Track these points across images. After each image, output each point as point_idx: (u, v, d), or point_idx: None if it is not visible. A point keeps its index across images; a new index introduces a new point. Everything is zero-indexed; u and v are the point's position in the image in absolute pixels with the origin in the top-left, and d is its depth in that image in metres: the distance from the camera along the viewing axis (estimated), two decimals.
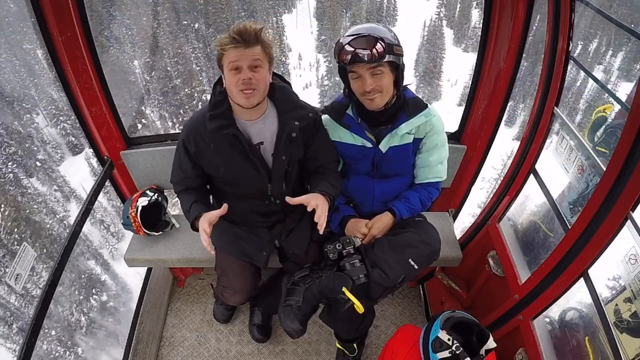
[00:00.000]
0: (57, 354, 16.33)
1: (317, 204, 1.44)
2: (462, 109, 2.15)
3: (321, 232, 1.45)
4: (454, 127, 2.20)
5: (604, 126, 3.45)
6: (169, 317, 2.51)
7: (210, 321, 2.47)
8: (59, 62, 1.80)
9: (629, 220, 1.30)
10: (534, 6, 1.74)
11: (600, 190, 1.37)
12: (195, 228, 1.57)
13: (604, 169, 1.38)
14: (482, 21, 1.90)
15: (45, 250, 18.67)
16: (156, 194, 2.21)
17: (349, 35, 1.42)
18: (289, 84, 1.63)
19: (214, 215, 1.48)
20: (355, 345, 2.08)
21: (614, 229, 1.35)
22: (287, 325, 1.54)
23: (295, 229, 1.81)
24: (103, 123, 2.05)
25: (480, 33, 1.93)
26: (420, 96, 1.66)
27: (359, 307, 1.52)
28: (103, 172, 2.14)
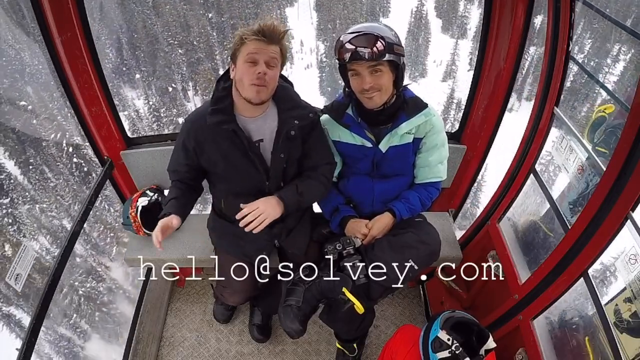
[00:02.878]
0: None
1: (258, 207, 1.50)
2: (445, 84, 2.17)
3: (241, 225, 1.49)
4: (438, 99, 2.18)
5: (603, 126, 3.45)
6: (169, 317, 2.51)
7: (210, 321, 2.47)
8: (59, 62, 1.80)
9: (629, 220, 1.30)
10: (534, 6, 1.74)
11: (600, 190, 1.37)
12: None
13: (604, 169, 1.38)
14: (482, 20, 1.91)
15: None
16: (156, 194, 2.21)
17: (349, 33, 1.42)
18: (292, 83, 1.63)
19: (168, 226, 1.49)
20: (355, 345, 2.08)
21: (614, 229, 1.35)
22: (287, 325, 1.53)
23: (295, 229, 1.81)
24: (103, 123, 2.05)
25: (465, 22, 1.94)
26: (407, 75, 1.65)
27: (359, 308, 1.52)
28: (103, 172, 2.13)
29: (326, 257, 1.62)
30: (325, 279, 1.57)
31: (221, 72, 1.60)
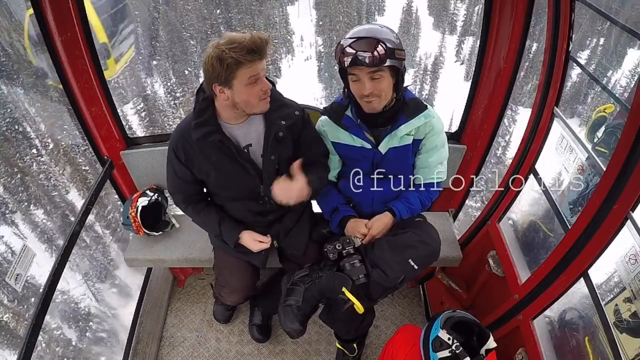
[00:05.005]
0: None
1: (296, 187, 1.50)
2: (433, 74, 2.15)
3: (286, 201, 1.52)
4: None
5: (604, 126, 3.45)
6: (169, 317, 2.51)
7: (210, 321, 2.47)
8: (59, 62, 1.80)
9: (629, 220, 1.30)
10: (534, 6, 1.74)
11: (600, 190, 1.37)
12: (240, 245, 1.73)
13: (604, 169, 1.38)
14: (482, 20, 1.90)
15: None
16: (156, 194, 2.21)
17: (350, 37, 1.41)
18: (273, 83, 1.62)
19: (257, 237, 1.70)
20: (355, 345, 2.08)
21: (614, 229, 1.35)
22: (286, 325, 1.53)
23: (294, 229, 1.81)
24: (103, 123, 2.05)
25: (455, 19, 1.93)
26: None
27: (359, 308, 1.52)
28: (103, 172, 2.13)
29: (326, 257, 1.62)
30: (325, 279, 1.58)
31: None
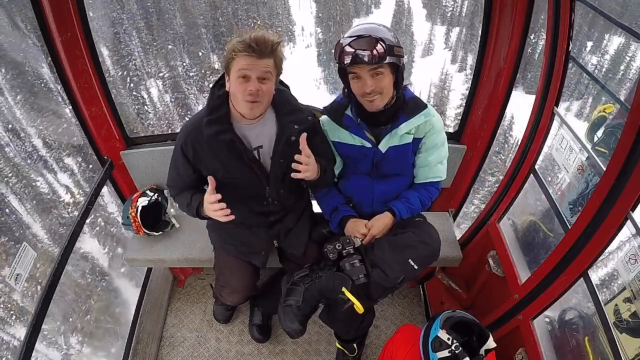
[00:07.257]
0: None
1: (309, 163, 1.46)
2: (425, 60, 2.17)
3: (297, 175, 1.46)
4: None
5: (603, 126, 3.46)
6: (169, 317, 2.51)
7: (210, 321, 2.47)
8: (59, 62, 1.80)
9: (629, 220, 1.30)
10: (534, 6, 1.74)
11: (600, 190, 1.37)
12: (202, 216, 1.60)
13: (604, 169, 1.38)
14: (482, 21, 1.91)
15: None
16: (156, 194, 2.21)
17: (349, 37, 1.42)
18: (288, 87, 1.62)
19: (210, 191, 1.49)
20: (355, 345, 2.08)
21: (614, 229, 1.35)
22: (286, 325, 1.54)
23: (294, 229, 1.81)
24: (103, 123, 2.05)
25: (446, 10, 1.93)
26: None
27: (359, 307, 1.52)
28: (103, 172, 2.13)
29: (326, 257, 1.62)
30: (324, 279, 1.58)
31: None
